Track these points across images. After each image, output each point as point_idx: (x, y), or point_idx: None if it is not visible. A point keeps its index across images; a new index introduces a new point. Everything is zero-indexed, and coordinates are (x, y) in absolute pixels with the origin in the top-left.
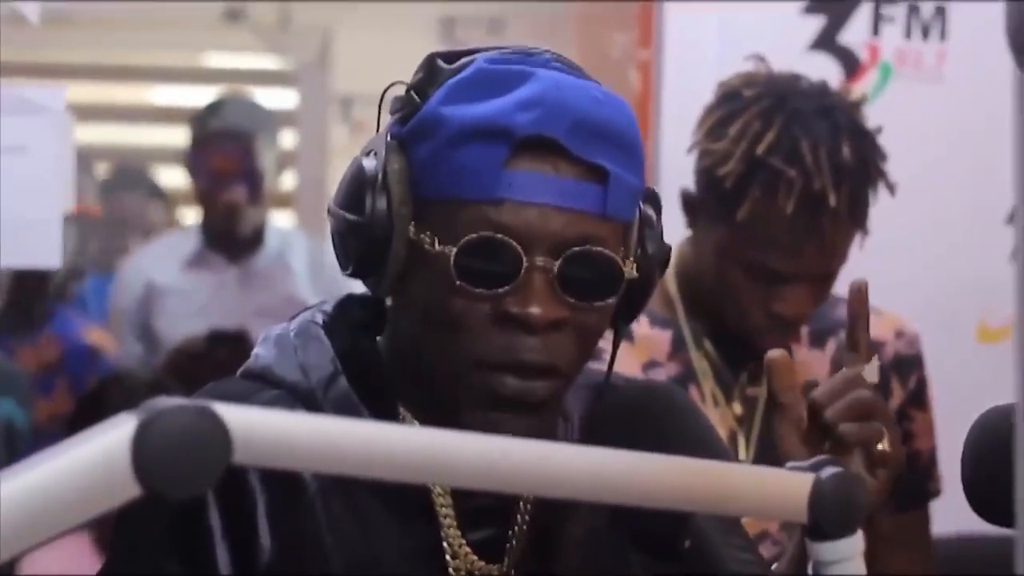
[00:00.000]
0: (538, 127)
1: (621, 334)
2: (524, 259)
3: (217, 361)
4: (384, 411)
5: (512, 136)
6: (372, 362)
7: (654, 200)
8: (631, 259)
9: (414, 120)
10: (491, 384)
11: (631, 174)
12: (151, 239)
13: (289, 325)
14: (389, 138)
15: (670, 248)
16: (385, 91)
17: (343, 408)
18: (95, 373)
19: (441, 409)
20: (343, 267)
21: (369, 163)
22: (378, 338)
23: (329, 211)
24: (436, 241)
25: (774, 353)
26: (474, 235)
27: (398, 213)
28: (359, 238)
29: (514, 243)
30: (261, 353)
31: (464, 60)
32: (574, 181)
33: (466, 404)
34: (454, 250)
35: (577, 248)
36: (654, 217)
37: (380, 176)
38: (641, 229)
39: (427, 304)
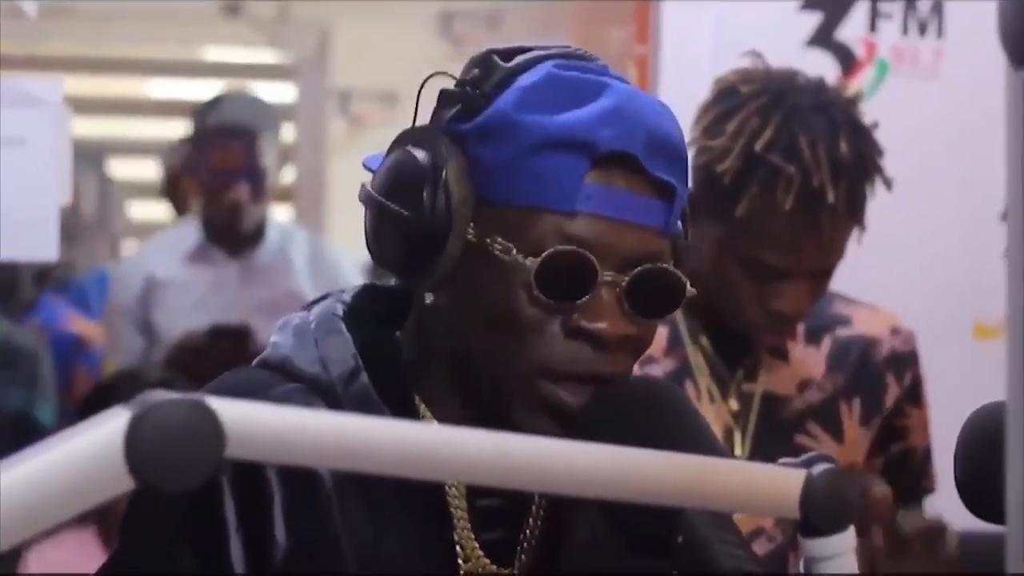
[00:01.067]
0: (620, 143)
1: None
2: (599, 274)
3: (219, 356)
4: (404, 407)
5: (594, 150)
6: (392, 357)
7: (685, 213)
8: None
9: (480, 120)
10: (549, 394)
11: (685, 188)
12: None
13: (309, 315)
14: (444, 133)
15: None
16: (425, 81)
17: (363, 404)
18: (82, 364)
19: (479, 408)
20: (380, 259)
21: (422, 155)
22: (397, 332)
23: (367, 199)
24: (513, 249)
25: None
26: (558, 248)
27: (459, 213)
28: (411, 233)
29: (592, 258)
30: (280, 343)
31: (522, 59)
32: (645, 196)
33: (518, 410)
34: (537, 261)
35: (647, 265)
36: (682, 226)
37: (443, 173)
38: (674, 240)
39: (492, 309)
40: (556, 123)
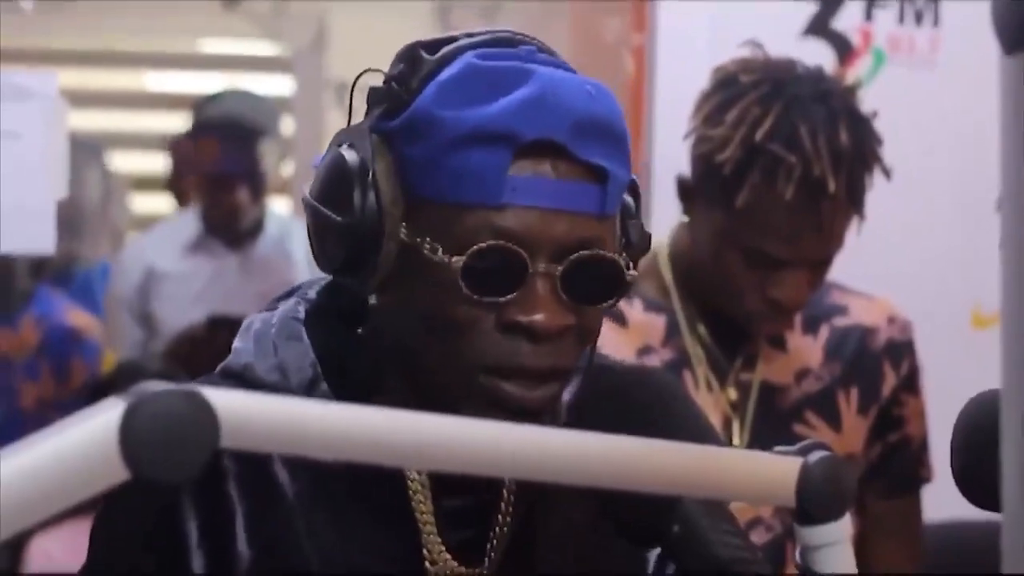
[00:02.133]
0: (542, 131)
1: (600, 321)
2: (529, 266)
3: (217, 347)
4: None
5: (516, 141)
6: (354, 362)
7: (634, 189)
8: (621, 253)
9: (403, 117)
10: (494, 389)
11: (623, 169)
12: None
13: (271, 317)
14: (372, 132)
15: (649, 236)
16: (357, 78)
17: None
18: (78, 356)
19: (433, 408)
20: (323, 265)
21: (351, 156)
22: (359, 330)
23: (307, 204)
24: (440, 249)
25: None
26: (482, 244)
27: (389, 213)
28: (345, 236)
29: (521, 251)
30: (240, 348)
31: (447, 51)
32: (574, 182)
33: (467, 408)
34: (462, 260)
35: (581, 252)
36: (634, 206)
37: (369, 173)
38: (623, 219)
39: (427, 309)
40: (475, 116)
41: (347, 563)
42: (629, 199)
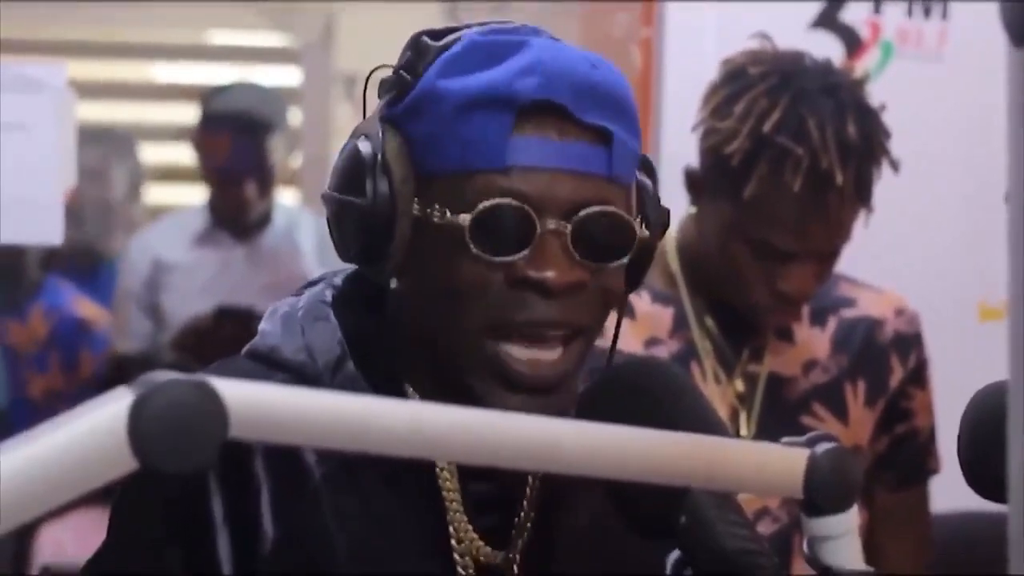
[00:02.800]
0: (541, 92)
1: (624, 305)
2: (538, 224)
3: (224, 338)
4: (393, 394)
5: (516, 102)
6: (380, 344)
7: (649, 167)
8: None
9: (409, 98)
10: (499, 353)
11: (630, 136)
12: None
13: (298, 301)
14: (381, 119)
15: (668, 212)
16: (371, 74)
17: (351, 392)
18: (89, 346)
19: (450, 387)
20: (344, 255)
21: (364, 146)
22: (383, 313)
23: (325, 198)
24: (447, 212)
25: None
26: (488, 202)
27: (401, 191)
28: (362, 221)
29: (528, 208)
30: (267, 331)
31: (452, 37)
32: (580, 144)
33: (474, 377)
34: (468, 218)
35: (589, 209)
36: (650, 184)
37: (379, 157)
38: (640, 195)
39: (439, 276)
40: (474, 82)
41: (374, 545)
42: (645, 178)
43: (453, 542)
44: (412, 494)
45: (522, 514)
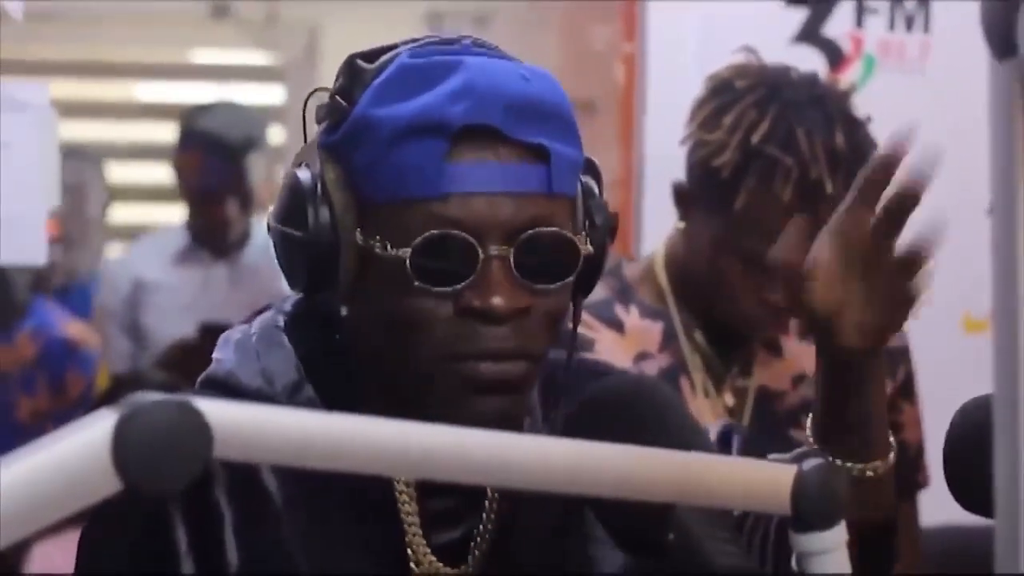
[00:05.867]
0: (473, 116)
1: (580, 310)
2: (480, 251)
3: (208, 356)
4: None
5: (449, 129)
6: (336, 367)
7: (593, 169)
8: (583, 233)
9: (345, 126)
10: (466, 372)
11: (570, 148)
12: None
13: (250, 328)
14: (320, 147)
15: (616, 215)
16: (307, 100)
17: None
18: (76, 368)
19: (412, 409)
20: (294, 285)
21: (304, 175)
22: (337, 336)
23: (269, 228)
24: (388, 245)
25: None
26: (427, 234)
27: (342, 221)
28: (306, 252)
29: (468, 236)
30: (222, 358)
31: (385, 58)
32: (516, 164)
33: (443, 395)
34: (408, 252)
35: (530, 231)
36: (595, 187)
37: (319, 186)
38: (585, 201)
39: (386, 308)
40: (406, 111)
41: (334, 567)
42: (589, 180)
43: (412, 564)
44: (371, 514)
45: (479, 528)
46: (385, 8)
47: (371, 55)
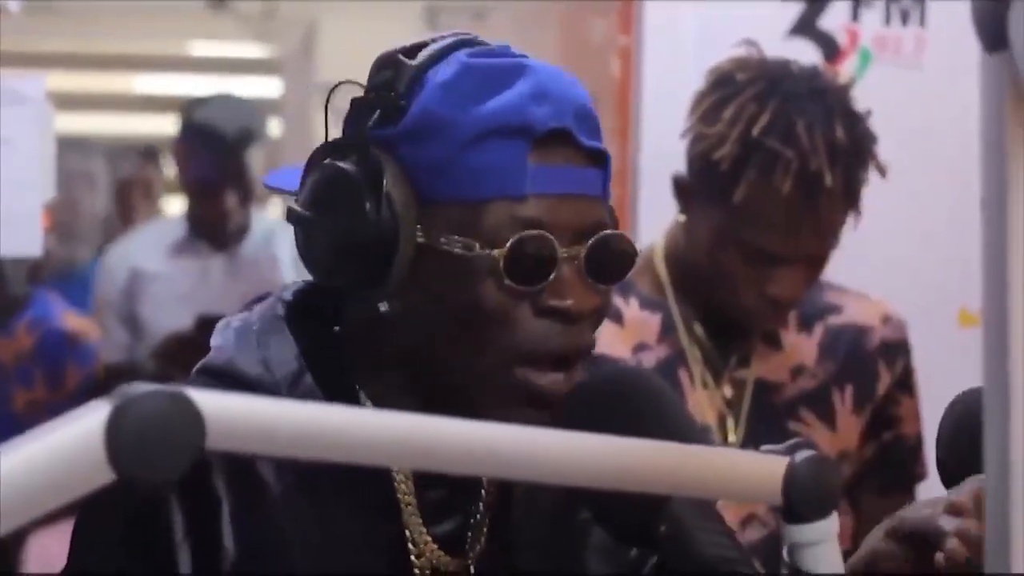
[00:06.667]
0: (554, 120)
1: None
2: (558, 252)
3: (205, 347)
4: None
5: (532, 131)
6: (337, 358)
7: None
8: None
9: (406, 122)
10: (529, 380)
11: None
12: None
13: (251, 316)
14: (372, 142)
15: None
16: (332, 91)
17: None
18: (74, 360)
19: (451, 409)
20: (327, 278)
21: (352, 168)
22: (336, 328)
23: (303, 220)
24: (476, 245)
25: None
26: (522, 234)
27: (404, 217)
28: (358, 246)
29: (552, 238)
30: (221, 345)
31: (428, 53)
32: (584, 168)
33: (498, 402)
34: (503, 251)
35: (601, 234)
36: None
37: (382, 180)
38: None
39: (458, 306)
40: (488, 111)
41: (333, 558)
42: None
43: (411, 548)
44: (369, 503)
45: (477, 518)
46: (382, 2)
47: (408, 51)
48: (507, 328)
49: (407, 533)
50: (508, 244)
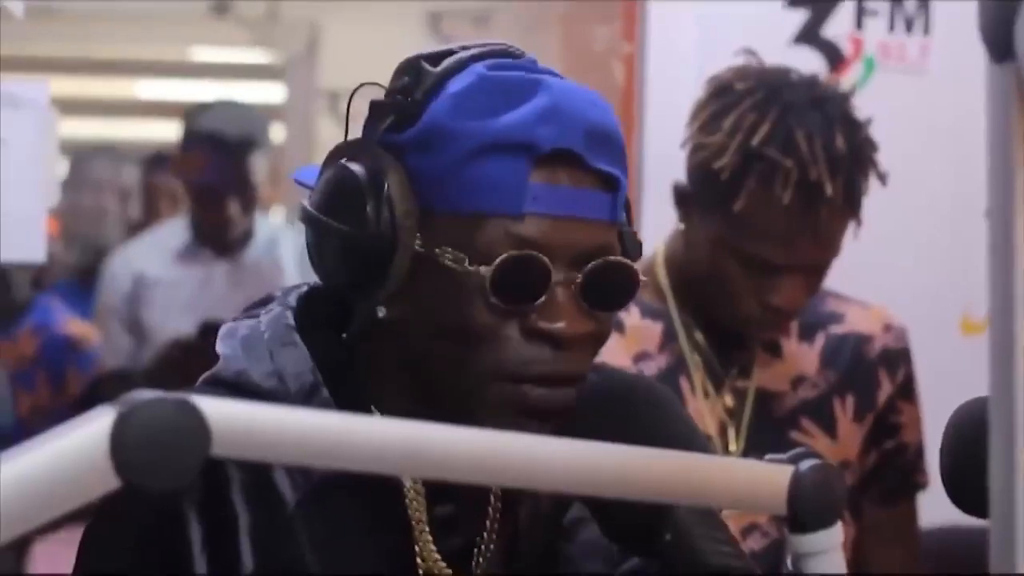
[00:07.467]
0: (560, 140)
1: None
2: (552, 274)
3: (210, 354)
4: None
5: (536, 150)
6: (350, 369)
7: (628, 202)
8: None
9: (415, 130)
10: (515, 395)
11: (625, 177)
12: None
13: (258, 324)
14: (381, 145)
15: (642, 244)
16: (354, 92)
17: None
18: (76, 365)
19: (447, 418)
20: (327, 278)
21: (360, 170)
22: (343, 335)
23: (310, 219)
24: (466, 260)
25: None
26: (511, 253)
27: (403, 225)
28: (356, 250)
29: (545, 259)
30: (230, 355)
31: (450, 62)
32: (589, 190)
33: (487, 412)
34: (491, 269)
35: (600, 260)
36: (626, 216)
37: (384, 185)
38: (620, 231)
39: (448, 319)
40: (494, 127)
41: (345, 570)
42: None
43: (419, 563)
44: (381, 516)
45: (484, 534)
46: (385, 6)
47: (433, 58)
48: (494, 346)
49: (416, 547)
50: (496, 262)
